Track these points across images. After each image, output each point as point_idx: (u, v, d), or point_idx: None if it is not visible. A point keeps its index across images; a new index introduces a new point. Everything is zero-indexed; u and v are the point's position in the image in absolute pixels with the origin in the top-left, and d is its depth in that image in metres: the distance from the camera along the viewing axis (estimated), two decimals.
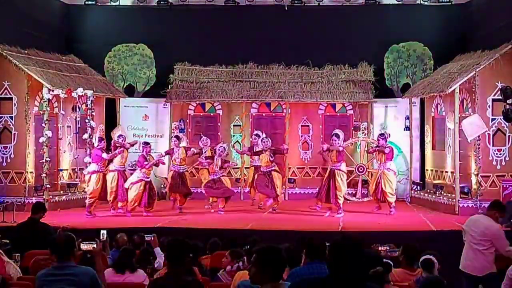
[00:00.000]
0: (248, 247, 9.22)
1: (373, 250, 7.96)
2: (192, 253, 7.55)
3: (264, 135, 16.42)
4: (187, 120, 19.49)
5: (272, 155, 15.83)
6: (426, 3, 19.59)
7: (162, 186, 18.36)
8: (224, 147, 16.27)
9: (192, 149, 16.65)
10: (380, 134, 16.27)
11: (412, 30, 19.51)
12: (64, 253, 5.75)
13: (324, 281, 3.98)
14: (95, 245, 6.24)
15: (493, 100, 15.48)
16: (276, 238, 10.76)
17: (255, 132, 17.37)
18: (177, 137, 16.66)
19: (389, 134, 16.74)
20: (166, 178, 17.45)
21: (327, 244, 6.55)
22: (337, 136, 15.60)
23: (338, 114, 19.47)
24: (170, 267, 5.62)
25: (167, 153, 16.63)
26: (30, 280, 7.14)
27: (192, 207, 16.27)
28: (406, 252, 7.69)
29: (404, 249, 7.77)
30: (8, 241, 9.98)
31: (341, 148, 15.52)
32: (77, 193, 16.97)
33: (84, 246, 6.25)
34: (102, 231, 8.00)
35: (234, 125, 19.41)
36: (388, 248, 8.59)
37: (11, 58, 16.00)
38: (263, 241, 9.54)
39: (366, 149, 18.51)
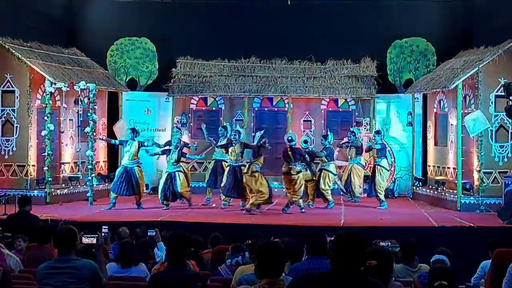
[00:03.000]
0: (250, 241, 9.23)
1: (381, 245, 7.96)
2: (193, 247, 7.57)
3: (239, 127, 16.28)
4: (189, 114, 19.48)
5: (242, 150, 15.27)
6: None
7: None
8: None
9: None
10: (376, 131, 16.32)
11: (415, 25, 19.46)
12: (66, 246, 5.75)
13: (325, 275, 3.98)
14: (96, 239, 6.23)
15: (496, 96, 15.44)
16: (278, 232, 10.75)
17: (224, 124, 16.94)
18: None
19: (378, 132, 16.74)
20: None
21: (328, 239, 6.56)
22: (305, 141, 16.23)
23: (340, 109, 19.44)
24: (171, 261, 5.63)
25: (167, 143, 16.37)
26: (31, 272, 7.14)
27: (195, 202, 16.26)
28: (404, 248, 7.68)
29: (401, 245, 7.76)
30: (9, 234, 9.99)
31: (359, 144, 16.30)
32: (79, 186, 16.97)
33: (86, 240, 6.24)
34: (103, 227, 7.99)
35: (236, 120, 19.37)
36: (389, 244, 8.60)
37: (13, 51, 15.99)
38: (264, 236, 9.57)
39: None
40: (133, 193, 15.43)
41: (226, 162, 15.70)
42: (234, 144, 15.16)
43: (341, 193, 17.67)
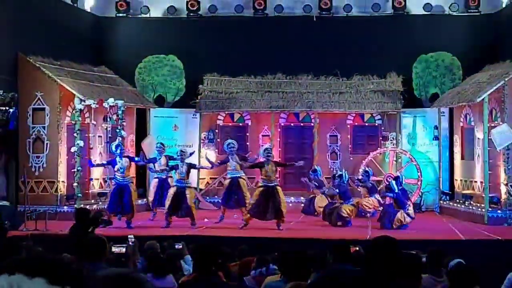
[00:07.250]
0: (276, 254, 9.27)
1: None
2: (220, 259, 7.66)
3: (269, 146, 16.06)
4: (217, 130, 19.63)
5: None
6: (454, 13, 19.56)
7: None
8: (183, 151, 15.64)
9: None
10: (394, 178, 15.80)
11: (440, 40, 19.47)
12: (95, 255, 5.88)
13: (357, 279, 4.03)
14: (126, 248, 6.35)
15: None
16: (305, 246, 10.79)
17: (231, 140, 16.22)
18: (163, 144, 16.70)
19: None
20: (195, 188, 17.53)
21: (356, 248, 6.60)
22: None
23: (366, 124, 19.48)
24: (198, 270, 5.70)
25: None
26: None
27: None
28: (430, 256, 7.68)
29: (429, 254, 7.77)
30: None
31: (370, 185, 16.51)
32: (107, 202, 17.08)
33: (115, 249, 6.36)
34: (129, 236, 8.11)
35: (263, 135, 19.48)
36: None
37: (43, 69, 16.28)
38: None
39: (394, 159, 18.58)
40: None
41: (244, 179, 15.73)
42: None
43: None
